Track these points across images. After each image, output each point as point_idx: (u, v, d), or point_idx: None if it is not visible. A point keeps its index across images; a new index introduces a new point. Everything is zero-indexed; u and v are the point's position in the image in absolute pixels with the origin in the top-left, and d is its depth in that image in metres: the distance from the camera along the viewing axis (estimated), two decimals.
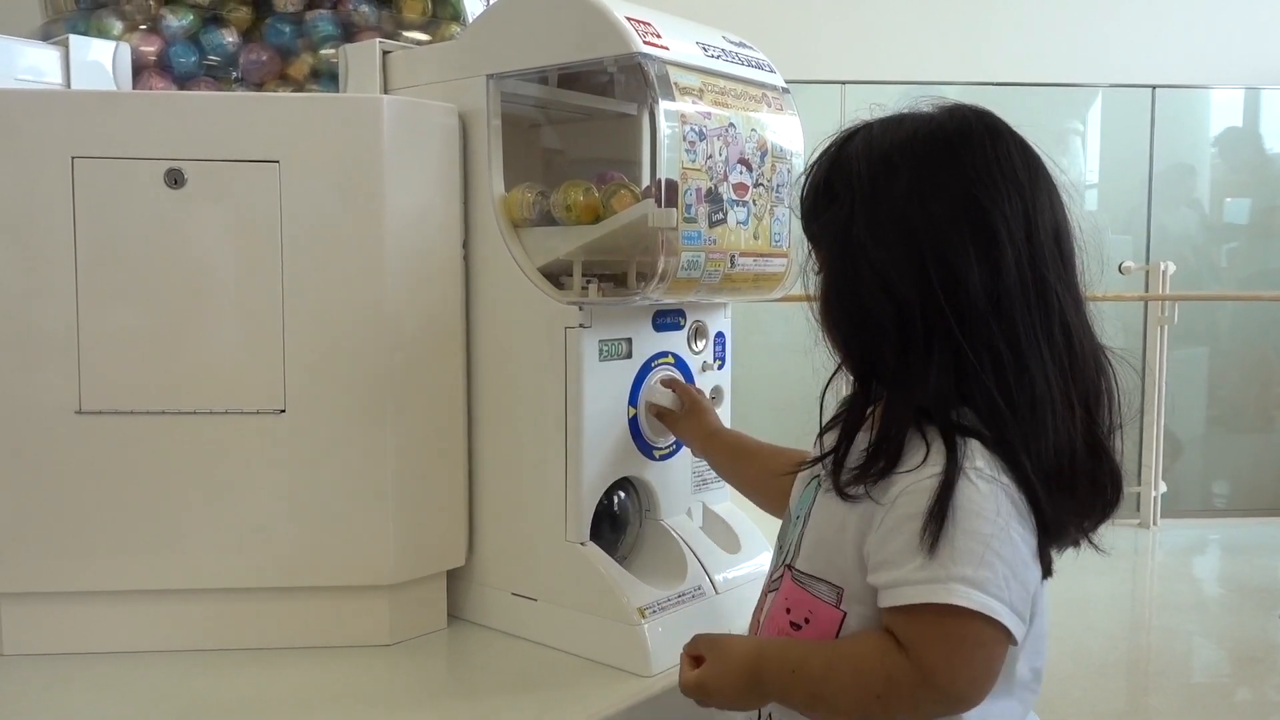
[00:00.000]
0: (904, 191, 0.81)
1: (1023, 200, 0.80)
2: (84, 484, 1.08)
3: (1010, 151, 0.83)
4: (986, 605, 0.73)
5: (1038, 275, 0.79)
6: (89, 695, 1.01)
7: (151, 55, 1.37)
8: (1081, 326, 0.83)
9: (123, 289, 1.07)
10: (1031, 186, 0.82)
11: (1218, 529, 4.24)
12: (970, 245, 0.78)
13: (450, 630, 1.19)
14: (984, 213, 0.79)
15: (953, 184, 0.80)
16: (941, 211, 0.79)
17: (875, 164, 0.83)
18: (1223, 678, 2.83)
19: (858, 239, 0.81)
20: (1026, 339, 0.78)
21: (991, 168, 0.81)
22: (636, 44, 1.02)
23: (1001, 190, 0.80)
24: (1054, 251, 0.81)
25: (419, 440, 1.13)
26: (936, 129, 0.84)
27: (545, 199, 1.12)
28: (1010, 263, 0.78)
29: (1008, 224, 0.79)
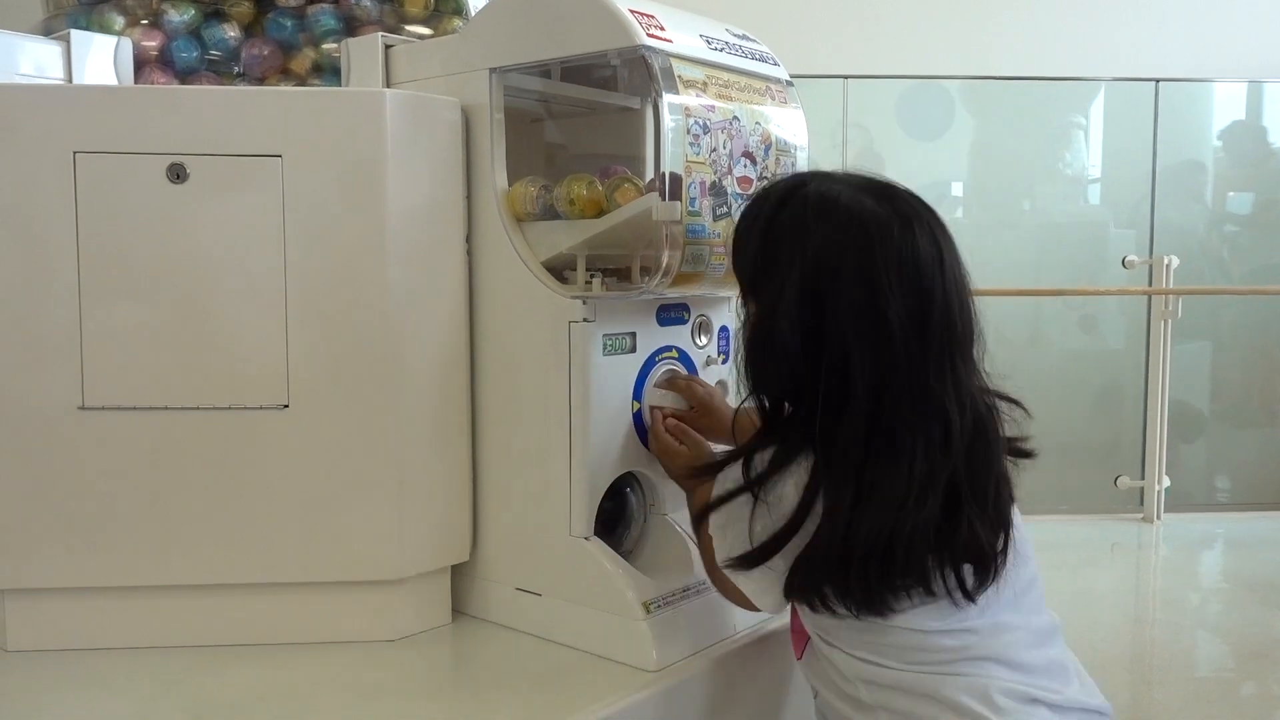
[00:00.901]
0: (823, 269, 0.89)
1: (921, 297, 0.88)
2: (87, 480, 1.08)
3: (917, 246, 0.89)
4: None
5: (921, 374, 0.87)
6: (93, 691, 1.01)
7: (153, 50, 1.37)
8: (965, 415, 0.89)
9: (125, 284, 1.07)
10: (933, 280, 0.89)
11: (1221, 523, 4.23)
12: (868, 339, 0.87)
13: (455, 625, 1.18)
14: (886, 321, 0.87)
15: (861, 277, 0.88)
16: (847, 303, 0.88)
17: (803, 236, 0.91)
18: (1227, 672, 2.83)
19: (786, 298, 0.90)
20: (903, 433, 0.87)
21: (896, 265, 0.88)
22: (640, 36, 1.02)
23: (900, 289, 0.87)
24: (946, 342, 0.89)
25: (423, 435, 1.13)
26: (861, 216, 0.90)
27: (548, 193, 1.12)
28: (902, 359, 0.87)
29: (903, 327, 0.87)
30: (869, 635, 0.92)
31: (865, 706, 0.93)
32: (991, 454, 0.91)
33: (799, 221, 0.92)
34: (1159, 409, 4.16)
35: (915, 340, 0.87)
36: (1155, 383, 4.17)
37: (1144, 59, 4.50)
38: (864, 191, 0.92)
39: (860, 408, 0.87)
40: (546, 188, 1.12)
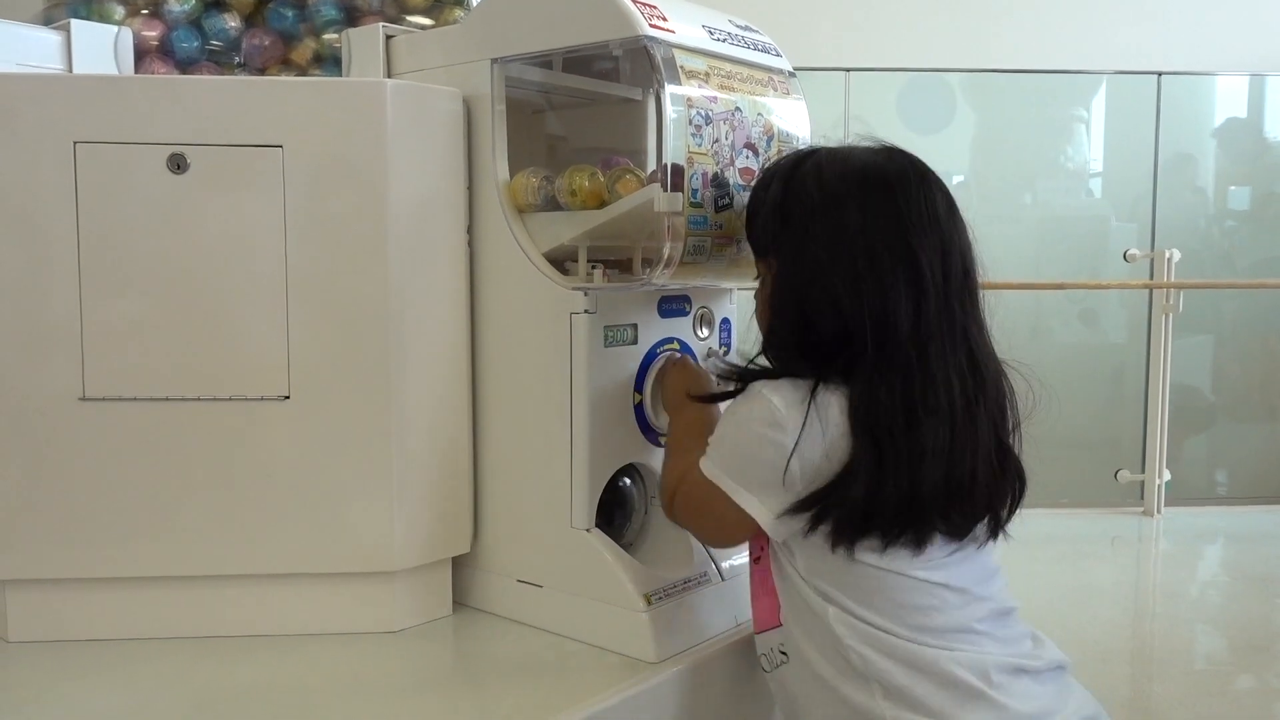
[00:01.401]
0: (852, 223, 0.93)
1: (942, 242, 0.94)
2: (88, 471, 1.08)
3: (934, 196, 0.95)
4: (705, 468, 0.97)
5: (949, 308, 0.93)
6: (95, 682, 1.01)
7: (153, 40, 1.37)
8: (984, 348, 0.97)
9: (126, 275, 1.07)
10: (949, 227, 0.95)
11: (1222, 517, 4.23)
12: (901, 281, 0.92)
13: (455, 617, 1.19)
14: (913, 254, 0.92)
15: (891, 225, 0.93)
16: (882, 248, 0.92)
17: (828, 193, 0.95)
18: (1226, 665, 2.83)
19: (813, 257, 0.94)
20: (937, 362, 0.92)
21: (921, 212, 0.94)
22: (642, 27, 1.01)
23: (928, 234, 0.93)
24: (962, 285, 0.95)
25: (424, 426, 1.13)
26: (879, 170, 0.96)
27: (550, 184, 1.11)
28: (930, 297, 0.92)
29: (930, 264, 0.92)
30: (872, 588, 0.93)
31: (858, 674, 0.93)
32: (1005, 407, 0.97)
33: (819, 180, 0.96)
34: (1160, 403, 4.16)
35: (942, 281, 0.93)
36: (1156, 376, 4.17)
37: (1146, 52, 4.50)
38: (873, 152, 0.98)
39: (902, 346, 0.91)
40: (548, 179, 1.12)
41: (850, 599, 0.94)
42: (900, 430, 0.90)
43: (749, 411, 0.95)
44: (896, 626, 0.92)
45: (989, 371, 0.96)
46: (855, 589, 0.94)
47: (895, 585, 0.93)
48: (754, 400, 0.95)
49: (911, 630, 0.92)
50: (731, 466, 0.96)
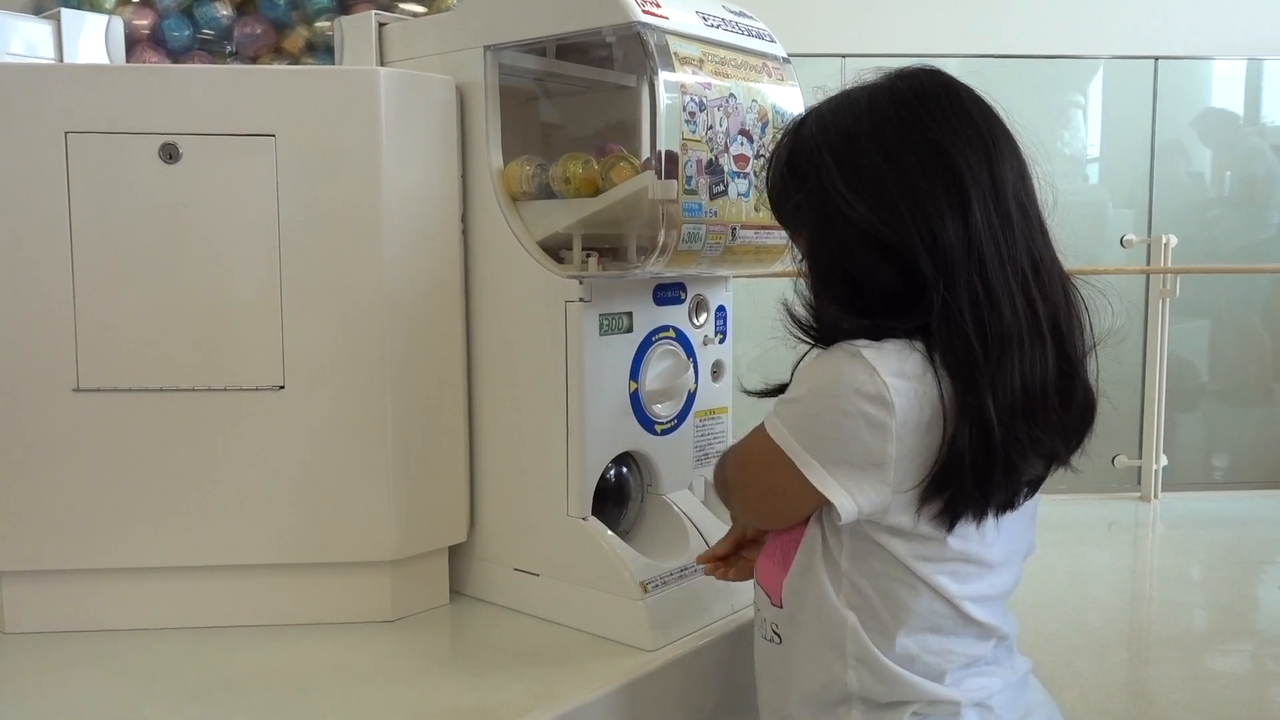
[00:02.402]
0: (872, 155, 0.84)
1: (983, 143, 0.84)
2: (83, 462, 1.07)
3: (964, 102, 0.86)
4: (778, 432, 0.83)
5: (1004, 214, 0.83)
6: (91, 673, 1.01)
7: (145, 29, 1.36)
8: (1049, 256, 0.87)
9: (119, 265, 1.06)
10: (989, 131, 0.85)
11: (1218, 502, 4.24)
12: (942, 194, 0.81)
13: (452, 606, 1.19)
14: (950, 160, 0.82)
15: (917, 138, 0.83)
16: (912, 165, 0.82)
17: (836, 138, 0.86)
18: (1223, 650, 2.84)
19: (838, 208, 0.84)
20: (996, 277, 0.81)
21: (950, 118, 0.84)
22: (635, 13, 1.01)
23: (962, 137, 0.83)
24: (1019, 186, 0.85)
25: (419, 415, 1.13)
26: (890, 92, 0.87)
27: (544, 172, 1.11)
28: (978, 205, 0.82)
29: (972, 169, 0.82)
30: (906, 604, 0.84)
31: (847, 692, 0.86)
32: (1083, 329, 0.88)
33: (824, 130, 0.87)
34: (1157, 388, 4.16)
35: (989, 185, 0.83)
36: (1153, 361, 4.17)
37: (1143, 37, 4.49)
38: (875, 86, 0.88)
39: (961, 267, 0.81)
40: (542, 166, 1.11)
41: (883, 609, 0.85)
42: (990, 367, 0.80)
43: (843, 375, 0.80)
44: (917, 652, 0.85)
45: (1053, 281, 0.86)
46: (893, 601, 0.84)
47: (931, 608, 0.85)
48: (851, 363, 0.80)
49: (933, 659, 0.86)
50: (810, 437, 0.82)
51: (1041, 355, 0.82)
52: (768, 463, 0.84)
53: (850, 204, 0.83)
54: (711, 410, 1.22)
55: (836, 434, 0.80)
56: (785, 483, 0.83)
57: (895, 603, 0.85)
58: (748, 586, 1.00)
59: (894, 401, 0.79)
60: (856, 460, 0.80)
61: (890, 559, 0.84)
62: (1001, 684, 0.89)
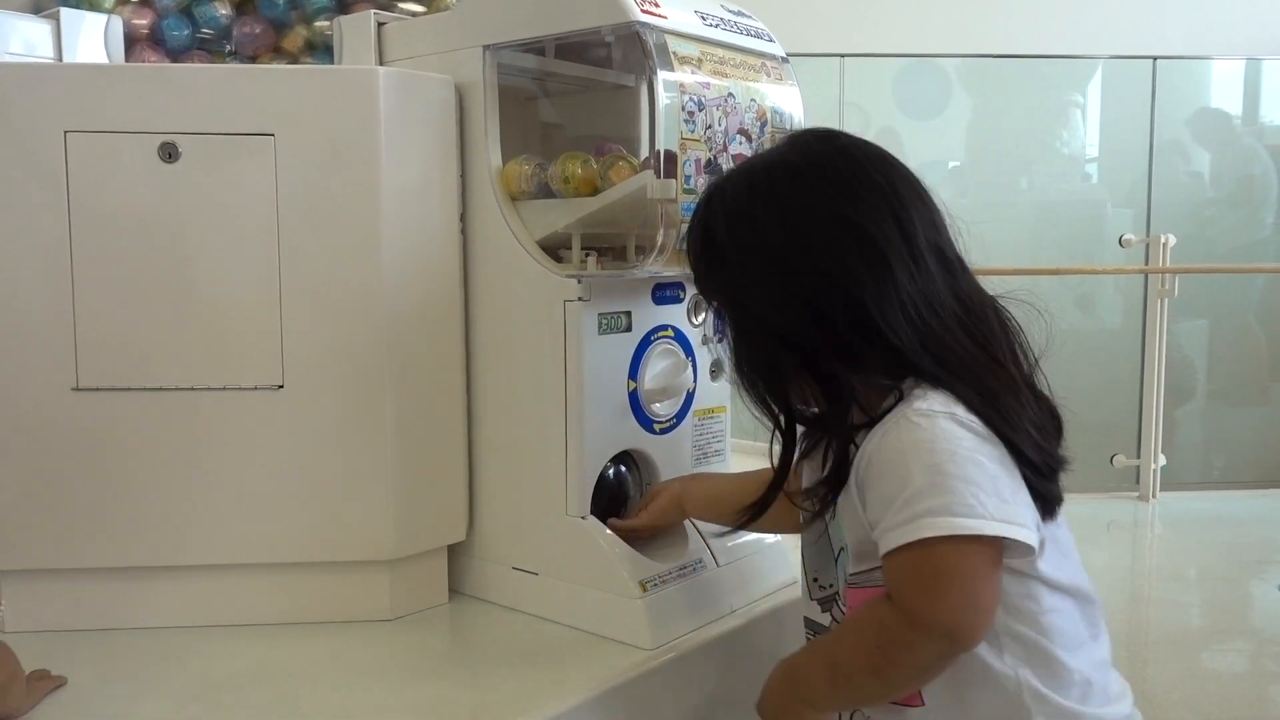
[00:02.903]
0: (774, 236, 0.84)
1: (887, 201, 0.83)
2: (82, 461, 1.07)
3: (860, 162, 0.85)
4: (953, 526, 0.75)
5: (922, 265, 0.83)
6: (89, 672, 1.01)
7: (144, 28, 1.36)
8: (974, 289, 0.87)
9: (118, 264, 1.06)
10: (891, 186, 0.84)
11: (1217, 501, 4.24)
12: (858, 262, 0.81)
13: (451, 605, 1.19)
14: (858, 228, 0.82)
15: (821, 212, 0.83)
16: (821, 241, 0.82)
17: (736, 221, 0.86)
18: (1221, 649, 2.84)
19: (747, 304, 0.86)
20: (934, 323, 0.82)
21: (850, 182, 0.84)
22: (634, 12, 1.01)
23: (865, 201, 0.83)
24: (930, 233, 0.85)
25: (418, 415, 1.13)
26: (786, 168, 0.87)
27: (543, 171, 1.11)
28: (896, 264, 0.82)
29: (882, 230, 0.82)
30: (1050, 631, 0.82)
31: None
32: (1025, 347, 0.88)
33: (727, 213, 0.88)
34: (1155, 387, 4.16)
35: (900, 240, 0.83)
36: (1151, 361, 4.17)
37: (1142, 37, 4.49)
38: (776, 162, 0.89)
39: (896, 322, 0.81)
40: (541, 166, 1.11)
41: (1044, 641, 0.82)
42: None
43: (938, 432, 0.78)
44: (1087, 671, 0.84)
45: (986, 314, 0.86)
46: (1048, 629, 0.82)
47: (1068, 616, 0.84)
48: (930, 419, 0.78)
49: (1097, 675, 0.85)
50: (966, 505, 0.75)
51: (1008, 378, 0.84)
52: (950, 564, 0.76)
53: (758, 300, 0.85)
54: (710, 409, 1.22)
55: (980, 482, 0.76)
56: (977, 564, 0.76)
57: (1051, 630, 0.82)
58: (745, 585, 1.00)
59: (976, 422, 0.79)
60: (1005, 493, 0.77)
61: (1025, 580, 0.81)
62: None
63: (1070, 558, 0.87)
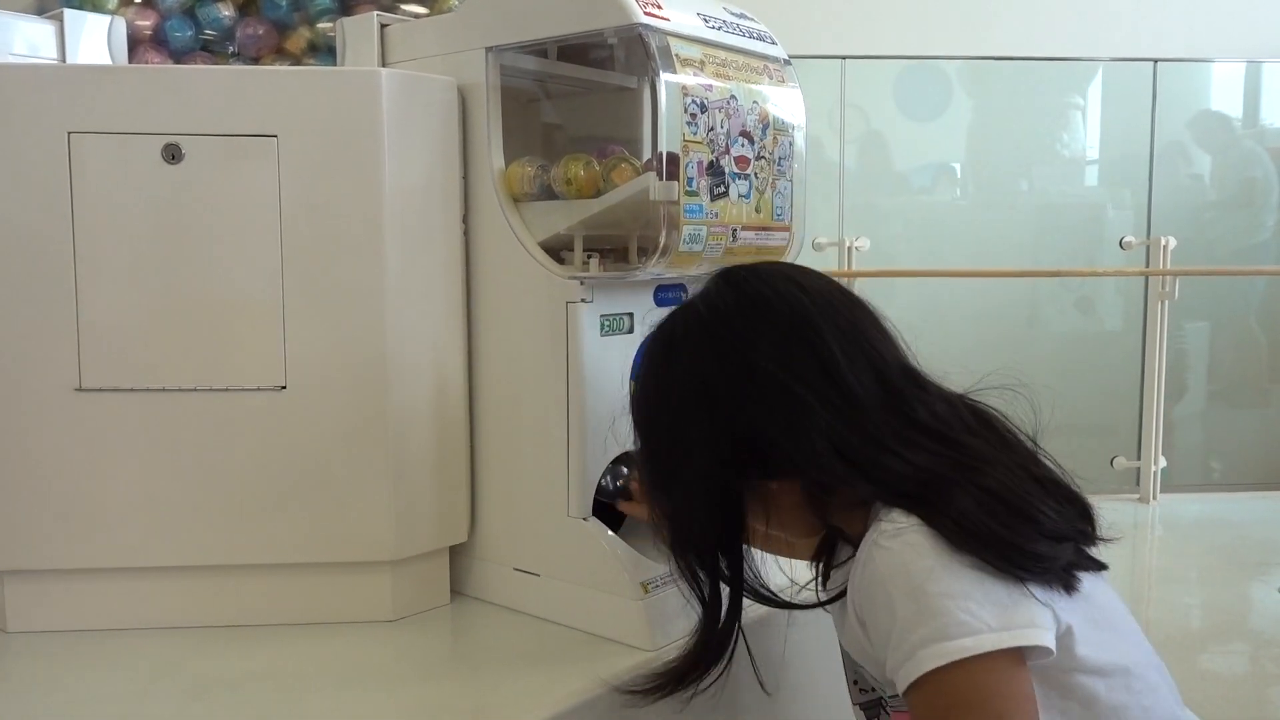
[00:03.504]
0: (690, 406, 0.85)
1: (800, 337, 0.83)
2: (85, 461, 1.08)
3: (767, 301, 0.85)
4: (950, 652, 0.71)
5: (847, 393, 0.81)
6: (92, 672, 1.02)
7: (147, 30, 1.36)
8: (920, 398, 0.84)
9: (121, 265, 1.06)
10: (802, 320, 0.84)
11: (1217, 503, 4.24)
12: (777, 407, 0.82)
13: (453, 606, 1.19)
14: (771, 375, 0.82)
15: (732, 367, 0.83)
16: (738, 393, 0.83)
17: (658, 396, 0.89)
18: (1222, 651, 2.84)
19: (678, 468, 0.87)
20: (891, 439, 0.80)
21: (756, 327, 0.84)
22: (637, 14, 1.01)
23: (775, 343, 0.83)
24: (852, 357, 0.83)
25: (420, 416, 1.13)
26: (700, 326, 0.88)
27: (545, 173, 1.11)
28: (817, 401, 0.81)
29: (794, 371, 0.82)
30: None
31: None
32: (1016, 437, 0.87)
33: (655, 389, 0.91)
34: (1156, 389, 4.16)
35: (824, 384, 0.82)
36: (1152, 363, 4.17)
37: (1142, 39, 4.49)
38: (688, 319, 0.90)
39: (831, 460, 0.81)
40: (544, 167, 1.12)
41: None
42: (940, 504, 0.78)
43: (908, 553, 0.75)
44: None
45: (963, 421, 0.84)
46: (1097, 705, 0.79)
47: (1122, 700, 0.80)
48: (894, 542, 0.76)
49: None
50: (960, 623, 0.71)
51: (992, 479, 0.79)
52: (962, 693, 0.71)
53: (690, 462, 0.85)
54: None
55: (969, 593, 0.72)
56: (992, 684, 0.71)
57: (1098, 704, 0.79)
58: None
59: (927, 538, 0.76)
60: (1001, 594, 0.73)
61: (1066, 674, 0.77)
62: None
63: (1115, 629, 0.82)
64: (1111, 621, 0.82)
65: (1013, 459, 0.83)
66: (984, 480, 0.78)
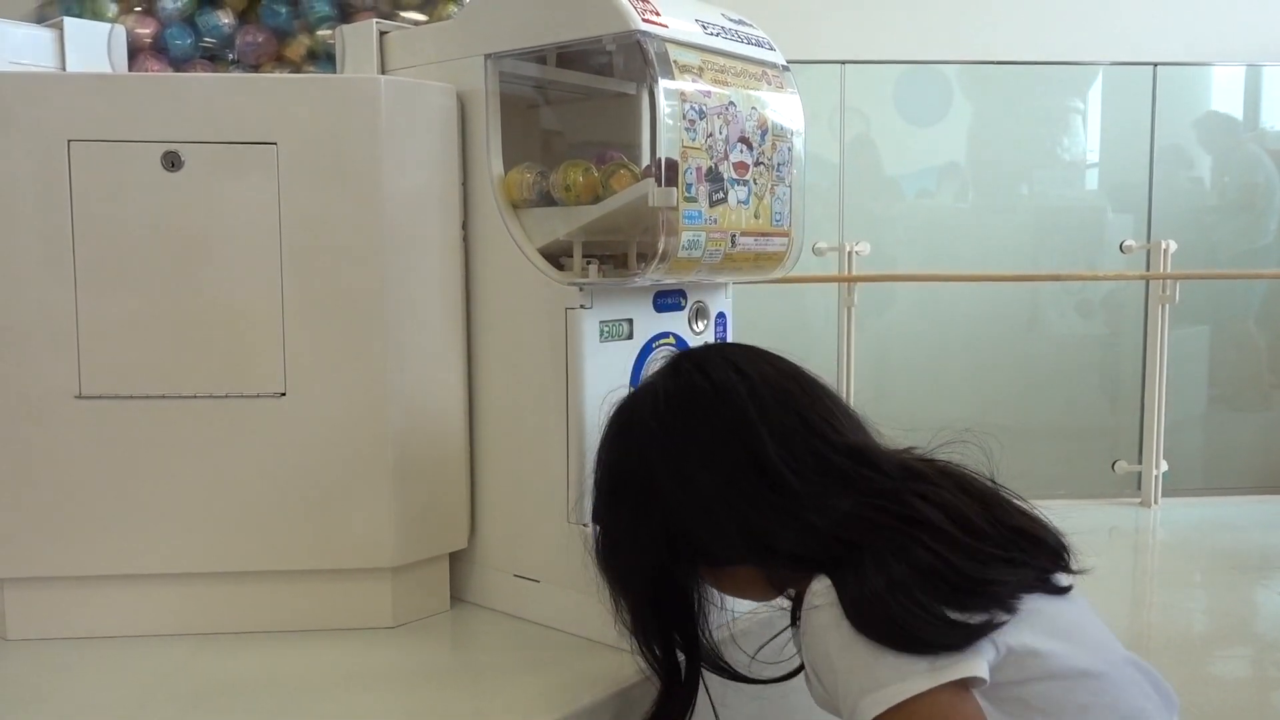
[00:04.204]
0: (631, 496, 0.90)
1: (735, 434, 0.85)
2: (85, 469, 1.08)
3: (705, 394, 0.88)
4: (889, 698, 0.74)
5: (775, 479, 0.84)
6: (93, 680, 1.02)
7: (147, 37, 1.37)
8: (888, 478, 0.85)
9: (121, 272, 1.07)
10: (736, 410, 0.86)
11: (1219, 507, 4.23)
12: (706, 512, 0.86)
13: (453, 612, 1.19)
14: (700, 474, 0.86)
15: (666, 458, 0.87)
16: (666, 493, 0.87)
17: (607, 482, 0.93)
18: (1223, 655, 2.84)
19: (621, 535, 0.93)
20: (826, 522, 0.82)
21: (690, 425, 0.87)
22: (635, 21, 1.01)
23: (709, 441, 0.86)
24: (782, 439, 0.85)
25: (420, 422, 1.13)
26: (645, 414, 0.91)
27: (545, 179, 1.11)
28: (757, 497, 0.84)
29: (730, 471, 0.85)
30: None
31: None
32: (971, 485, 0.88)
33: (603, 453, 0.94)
34: (1157, 394, 4.16)
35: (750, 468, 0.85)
36: (1153, 367, 4.17)
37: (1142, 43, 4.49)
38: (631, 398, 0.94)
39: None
40: (543, 174, 1.12)
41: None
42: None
43: (839, 612, 0.78)
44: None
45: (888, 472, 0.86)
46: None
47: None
48: (827, 599, 0.79)
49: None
50: (901, 660, 0.75)
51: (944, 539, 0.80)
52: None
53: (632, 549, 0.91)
54: None
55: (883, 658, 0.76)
56: (946, 714, 0.75)
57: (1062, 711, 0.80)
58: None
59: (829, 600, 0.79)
60: (924, 634, 0.76)
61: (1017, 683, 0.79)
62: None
63: (1070, 638, 0.83)
64: (1067, 630, 0.83)
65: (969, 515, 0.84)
66: (914, 555, 0.79)
